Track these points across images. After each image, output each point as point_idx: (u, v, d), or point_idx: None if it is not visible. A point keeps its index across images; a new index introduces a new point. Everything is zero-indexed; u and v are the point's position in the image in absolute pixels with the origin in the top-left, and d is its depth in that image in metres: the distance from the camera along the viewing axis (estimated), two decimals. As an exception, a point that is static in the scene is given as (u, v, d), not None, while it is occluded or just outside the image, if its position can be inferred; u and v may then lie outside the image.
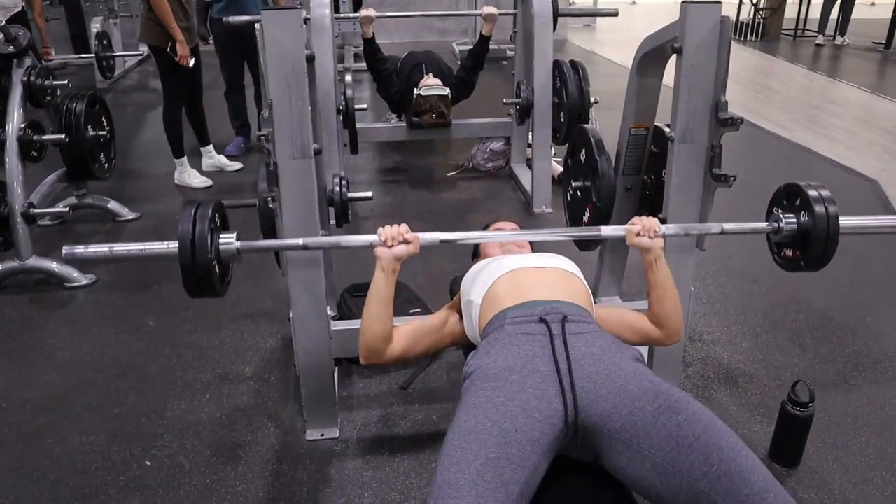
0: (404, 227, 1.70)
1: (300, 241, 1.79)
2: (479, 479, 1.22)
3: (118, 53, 6.99)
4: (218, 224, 1.74)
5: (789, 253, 1.88)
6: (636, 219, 1.75)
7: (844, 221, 1.78)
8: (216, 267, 1.68)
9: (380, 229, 1.71)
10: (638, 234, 1.71)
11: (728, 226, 1.86)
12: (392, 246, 1.68)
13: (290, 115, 1.81)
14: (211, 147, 4.59)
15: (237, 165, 4.65)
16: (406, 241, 1.69)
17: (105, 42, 6.61)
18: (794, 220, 1.82)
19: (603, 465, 1.40)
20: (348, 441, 2.15)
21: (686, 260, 2.10)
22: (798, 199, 1.82)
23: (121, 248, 1.71)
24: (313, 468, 2.04)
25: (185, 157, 4.34)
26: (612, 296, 2.64)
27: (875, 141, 5.32)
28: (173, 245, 1.62)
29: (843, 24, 9.69)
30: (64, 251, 1.67)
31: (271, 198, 1.93)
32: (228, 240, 1.72)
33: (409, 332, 1.76)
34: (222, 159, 4.63)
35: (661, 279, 1.71)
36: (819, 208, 1.77)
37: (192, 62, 4.07)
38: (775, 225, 1.85)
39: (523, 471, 1.27)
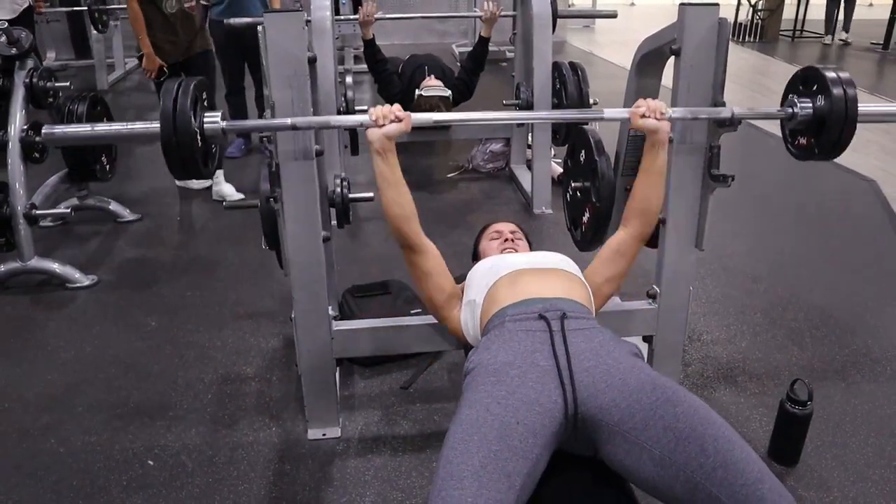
0: (396, 106, 1.72)
1: (288, 121, 1.75)
2: (482, 471, 1.23)
3: (112, 6, 6.82)
4: (204, 102, 1.69)
5: (804, 141, 1.82)
6: (640, 101, 1.79)
7: (863, 108, 1.71)
8: (200, 144, 1.62)
9: (371, 109, 1.71)
10: (643, 116, 1.75)
11: (739, 110, 1.82)
12: (384, 125, 1.69)
13: (292, 116, 1.82)
14: (220, 173, 4.14)
15: (238, 196, 4.11)
16: (398, 119, 1.70)
17: None
18: (810, 104, 1.76)
19: (601, 458, 1.42)
20: (350, 440, 2.16)
21: (685, 259, 2.11)
22: (815, 84, 1.76)
23: (103, 127, 1.67)
24: (315, 467, 2.05)
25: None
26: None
27: (873, 140, 5.33)
28: (156, 124, 1.57)
29: (846, 22, 9.77)
30: (44, 130, 1.60)
31: (273, 199, 1.94)
32: (213, 118, 1.68)
33: (436, 254, 1.83)
34: (226, 189, 4.12)
35: (659, 166, 1.80)
36: (837, 90, 1.69)
37: (156, 76, 3.95)
38: (790, 111, 1.78)
39: (525, 462, 1.29)
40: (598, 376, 1.42)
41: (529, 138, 4.31)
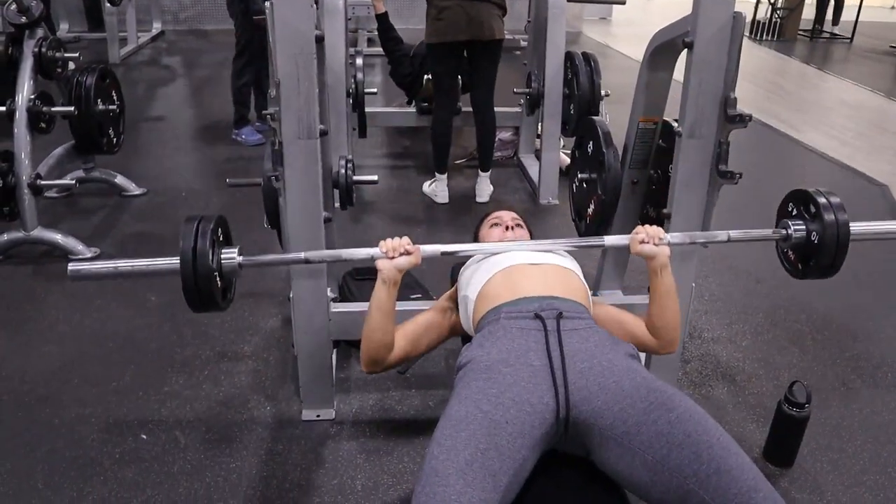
0: (405, 238, 1.72)
1: (302, 255, 1.80)
2: (468, 468, 1.22)
3: None
4: (220, 239, 1.74)
5: (798, 261, 1.85)
6: (639, 227, 1.74)
7: (855, 228, 1.74)
8: (218, 282, 1.70)
9: (381, 242, 1.72)
10: (642, 242, 1.70)
11: (735, 233, 1.84)
12: (394, 257, 1.68)
13: (297, 94, 1.80)
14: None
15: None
16: (407, 253, 1.70)
17: None
18: (804, 227, 1.79)
19: (594, 461, 1.40)
20: (344, 423, 2.16)
21: (688, 257, 2.09)
22: (808, 206, 1.79)
23: (125, 264, 1.73)
24: (307, 448, 2.05)
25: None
26: (615, 290, 2.63)
27: (887, 146, 5.28)
28: (176, 261, 1.64)
29: (835, 15, 10.06)
30: (69, 269, 1.70)
31: (275, 177, 1.92)
32: (231, 255, 1.73)
33: (409, 333, 1.78)
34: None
35: (665, 289, 1.69)
36: (829, 217, 1.73)
37: None
38: (783, 232, 1.81)
39: (512, 462, 1.28)
40: (592, 378, 1.40)
41: (539, 128, 4.28)
